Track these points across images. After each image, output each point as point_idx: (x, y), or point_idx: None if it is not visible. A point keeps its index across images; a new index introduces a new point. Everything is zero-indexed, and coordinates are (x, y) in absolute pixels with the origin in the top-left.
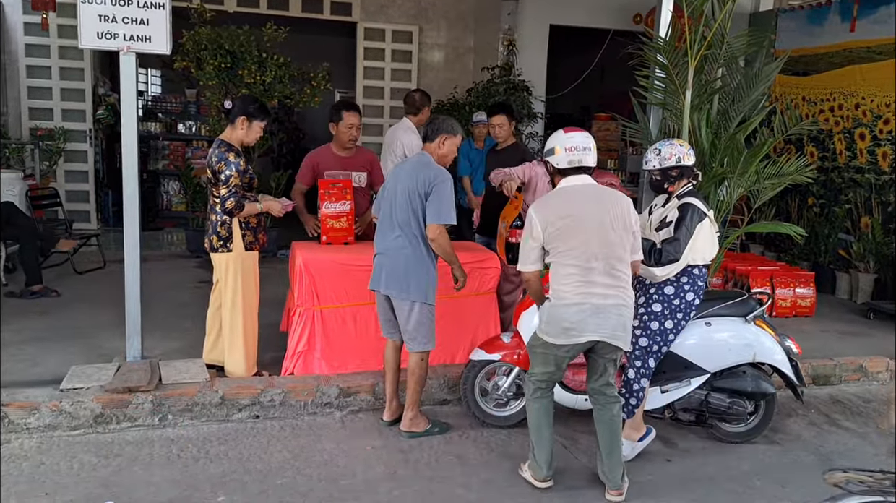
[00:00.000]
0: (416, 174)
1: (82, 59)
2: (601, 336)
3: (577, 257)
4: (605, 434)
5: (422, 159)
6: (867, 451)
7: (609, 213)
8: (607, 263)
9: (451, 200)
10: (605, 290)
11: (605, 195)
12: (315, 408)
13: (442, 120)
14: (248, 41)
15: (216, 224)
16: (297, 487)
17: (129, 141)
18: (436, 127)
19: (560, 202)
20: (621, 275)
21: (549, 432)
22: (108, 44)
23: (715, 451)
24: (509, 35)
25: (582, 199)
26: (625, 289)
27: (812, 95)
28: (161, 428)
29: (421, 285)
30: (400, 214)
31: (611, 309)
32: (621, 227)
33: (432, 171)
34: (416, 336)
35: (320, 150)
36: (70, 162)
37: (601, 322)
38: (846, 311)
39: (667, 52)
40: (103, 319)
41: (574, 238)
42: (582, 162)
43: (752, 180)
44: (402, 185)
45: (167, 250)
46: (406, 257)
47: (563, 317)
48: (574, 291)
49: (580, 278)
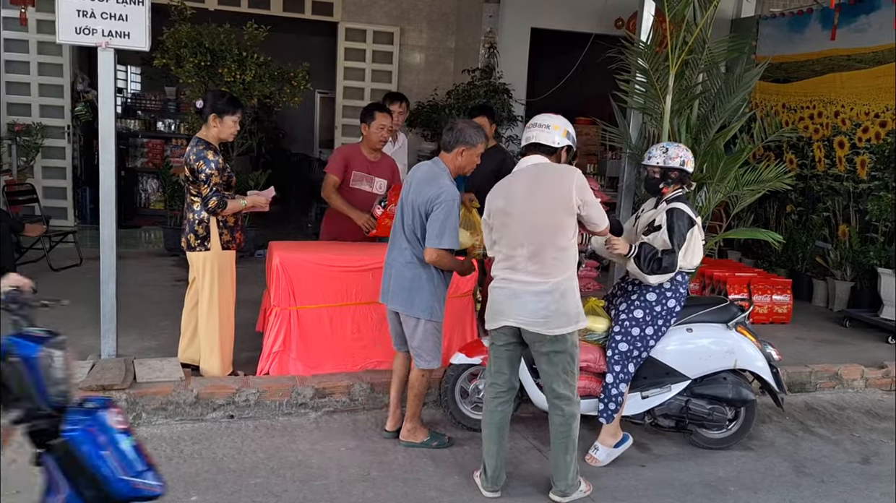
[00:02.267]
0: (421, 189)
1: (61, 54)
2: (517, 322)
3: (505, 244)
4: (552, 439)
5: (432, 170)
6: (841, 458)
7: (543, 196)
8: (534, 249)
9: (454, 222)
10: (527, 276)
11: (544, 175)
12: (290, 409)
13: (461, 128)
14: (229, 39)
15: (193, 222)
16: (271, 488)
17: (107, 137)
18: (454, 136)
19: (502, 186)
20: (551, 260)
21: (499, 446)
22: (86, 39)
23: (690, 457)
24: (490, 37)
25: (520, 180)
26: (551, 275)
27: (792, 102)
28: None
29: (426, 302)
30: (407, 229)
31: (529, 295)
32: (561, 210)
33: (438, 188)
34: (421, 353)
35: (352, 147)
36: (48, 158)
37: (519, 307)
38: (822, 319)
39: (648, 57)
40: (78, 316)
41: (504, 223)
42: (533, 139)
43: (731, 186)
44: (409, 198)
45: (144, 248)
46: (413, 271)
47: (491, 300)
48: (500, 276)
49: (506, 263)
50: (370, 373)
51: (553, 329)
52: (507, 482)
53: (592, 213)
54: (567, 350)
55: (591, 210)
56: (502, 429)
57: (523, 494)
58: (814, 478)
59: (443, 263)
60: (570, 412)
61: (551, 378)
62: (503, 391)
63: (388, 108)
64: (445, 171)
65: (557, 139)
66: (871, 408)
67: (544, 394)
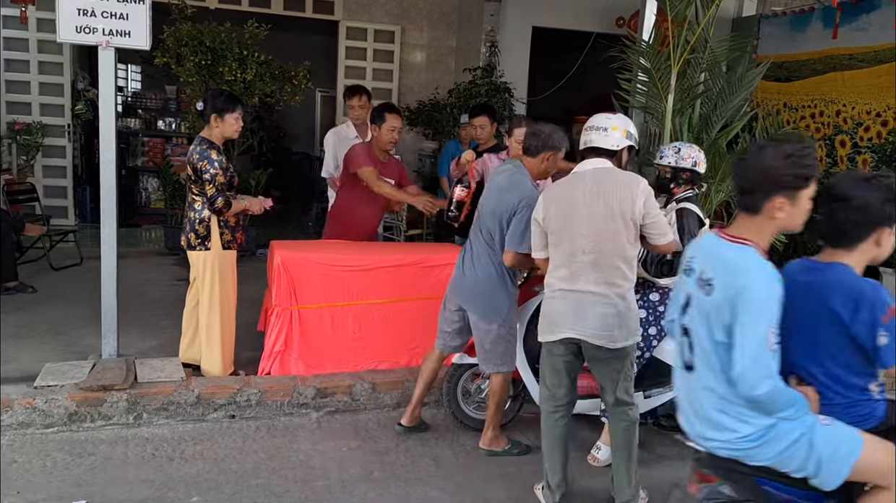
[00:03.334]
0: (503, 196)
1: (61, 53)
2: (579, 334)
3: (564, 250)
4: (615, 449)
5: (514, 176)
6: None
7: (608, 203)
8: (596, 257)
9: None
10: (588, 286)
11: (608, 182)
12: (291, 409)
13: (548, 133)
14: (230, 38)
15: (194, 221)
16: (273, 488)
17: (107, 136)
18: (541, 141)
19: (563, 188)
20: (613, 270)
21: (564, 460)
22: (86, 38)
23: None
24: (492, 36)
25: (581, 185)
26: (614, 285)
27: (793, 102)
28: (136, 427)
29: (503, 307)
30: (485, 233)
31: (591, 306)
32: (627, 219)
33: (518, 193)
34: (491, 356)
35: (367, 146)
36: (48, 157)
37: (580, 319)
38: None
39: (650, 56)
40: (79, 316)
41: (565, 227)
42: (591, 143)
43: (733, 186)
44: (489, 205)
45: (145, 247)
46: (490, 277)
47: (546, 310)
48: (557, 285)
49: (565, 271)
50: (372, 373)
51: (616, 342)
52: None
53: (657, 226)
54: (628, 357)
55: (656, 223)
56: (565, 442)
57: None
58: None
59: (521, 265)
60: (633, 417)
61: (613, 386)
62: (563, 405)
63: (353, 98)
64: (528, 175)
65: (617, 141)
66: None
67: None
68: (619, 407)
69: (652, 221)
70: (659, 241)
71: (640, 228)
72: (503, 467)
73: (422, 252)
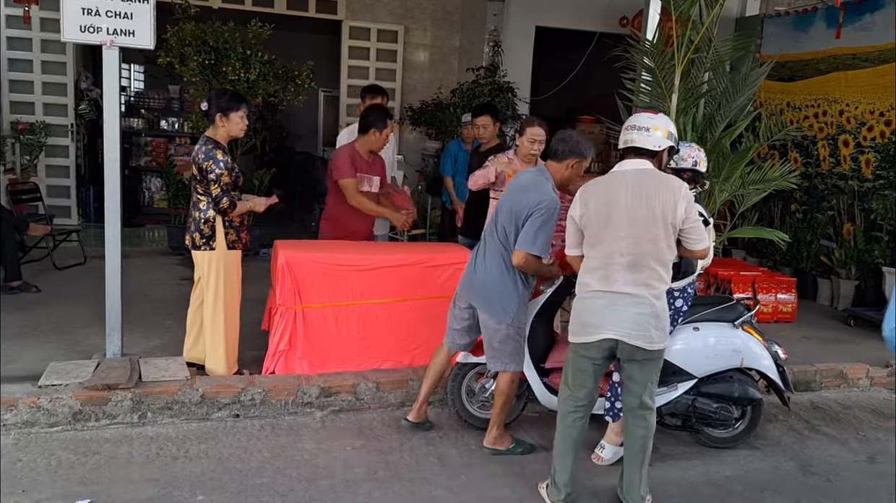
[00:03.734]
0: (522, 195)
1: (64, 52)
2: (617, 334)
3: (602, 250)
4: (629, 453)
5: (537, 178)
6: (846, 457)
7: (649, 205)
8: (634, 259)
9: (549, 231)
10: (625, 287)
11: (653, 182)
12: (296, 408)
13: (576, 140)
14: (233, 38)
15: (199, 221)
16: (277, 487)
17: (111, 136)
18: (568, 146)
19: (602, 186)
20: (650, 272)
21: (574, 459)
22: (90, 37)
23: (696, 456)
24: (495, 36)
25: (623, 185)
26: (651, 287)
27: (797, 101)
28: (140, 426)
29: (514, 307)
30: (500, 232)
31: (629, 306)
32: (668, 222)
33: (540, 194)
34: (500, 356)
35: (351, 149)
36: (51, 157)
37: (618, 319)
38: (827, 318)
39: (654, 56)
40: (83, 316)
41: (603, 227)
42: (633, 142)
43: (737, 185)
44: (507, 204)
45: (148, 247)
46: (501, 275)
47: (581, 310)
48: (594, 285)
49: (601, 272)
50: (376, 373)
51: (654, 343)
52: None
53: (695, 231)
54: (661, 360)
55: (695, 228)
56: (579, 443)
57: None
58: (820, 477)
59: (529, 267)
60: (652, 422)
61: (641, 388)
62: (583, 405)
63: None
64: (550, 180)
65: (658, 142)
66: (876, 406)
67: (625, 408)
68: (642, 411)
69: (691, 226)
70: (696, 247)
71: (678, 233)
72: (507, 466)
73: (426, 252)
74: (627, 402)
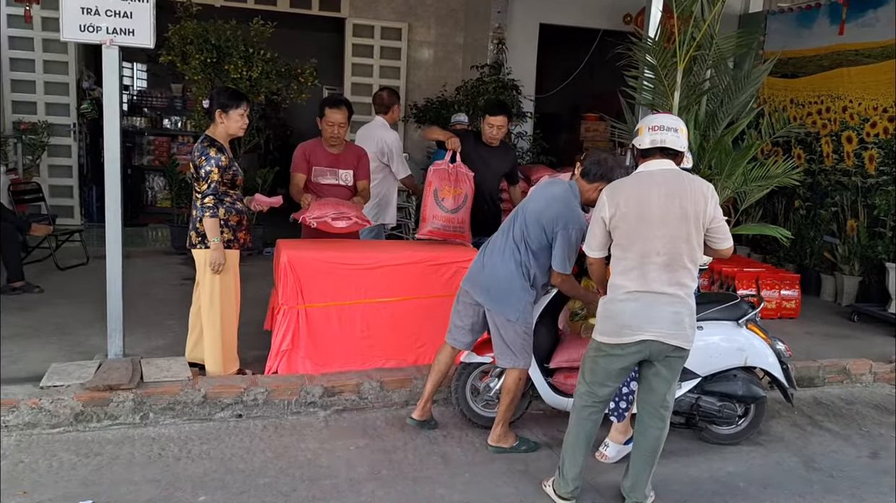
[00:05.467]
0: (554, 206)
1: (66, 52)
2: (655, 335)
3: (638, 249)
4: (640, 453)
5: (568, 193)
6: (849, 453)
7: (682, 206)
8: (669, 259)
9: (576, 247)
10: (661, 287)
11: (682, 182)
12: (299, 408)
13: (611, 166)
14: (235, 36)
15: (196, 220)
16: (280, 487)
17: (112, 135)
18: (602, 170)
19: (632, 187)
20: (683, 271)
21: (586, 453)
22: (90, 37)
23: (699, 453)
24: (499, 33)
25: (654, 185)
26: (684, 285)
27: (800, 98)
28: (142, 426)
29: (522, 305)
30: (517, 232)
31: (665, 306)
32: (699, 222)
33: (572, 212)
34: (508, 352)
35: (312, 143)
36: (53, 156)
37: (655, 320)
38: (831, 314)
39: (656, 53)
40: (85, 316)
41: (637, 227)
42: (665, 142)
43: (740, 182)
44: (532, 207)
45: (151, 247)
46: (511, 273)
47: (617, 312)
48: (628, 286)
49: (636, 272)
50: (379, 372)
51: (689, 342)
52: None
53: (721, 230)
54: (686, 357)
55: (721, 227)
56: (591, 437)
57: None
58: (823, 472)
59: (567, 288)
60: (668, 423)
61: (666, 387)
62: (600, 401)
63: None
64: (579, 197)
65: (684, 142)
66: (879, 402)
67: (642, 407)
68: (663, 410)
69: (718, 226)
70: (721, 246)
71: (706, 232)
72: (511, 464)
73: (430, 250)
74: (649, 401)
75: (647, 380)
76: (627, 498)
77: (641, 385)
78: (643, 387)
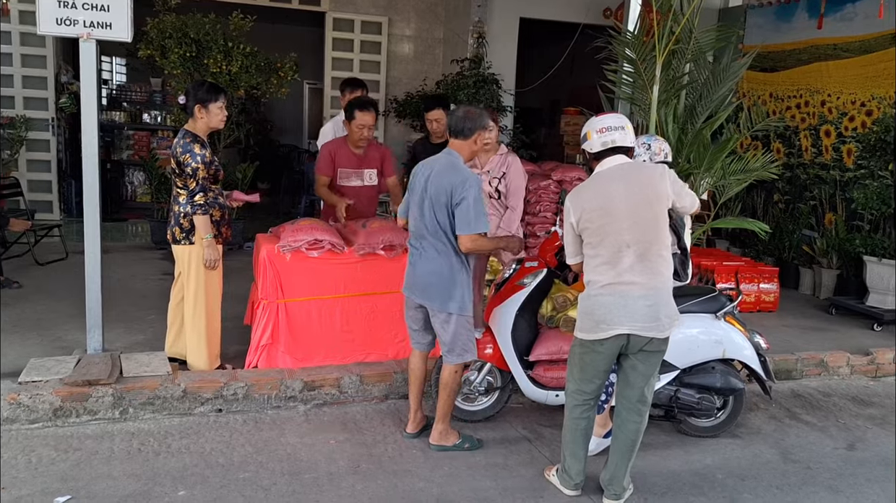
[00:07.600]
0: (441, 180)
1: (44, 46)
2: (631, 329)
3: (608, 245)
4: (618, 447)
5: (449, 160)
6: (827, 445)
7: (643, 194)
8: (642, 249)
9: (481, 204)
10: (635, 278)
11: (637, 170)
12: (279, 402)
13: (478, 114)
14: (215, 30)
15: (179, 215)
16: (260, 481)
17: (90, 130)
18: (472, 123)
19: (593, 187)
20: (657, 258)
21: (586, 449)
22: (67, 30)
23: (678, 445)
24: (479, 27)
25: (613, 181)
26: (659, 274)
27: (779, 92)
28: (122, 421)
29: (456, 296)
30: (428, 223)
31: (640, 299)
32: (662, 205)
33: (458, 175)
34: (454, 348)
35: (336, 143)
36: (32, 151)
37: (630, 314)
38: (809, 307)
39: (635, 47)
40: (64, 311)
41: (604, 224)
42: (616, 142)
43: (719, 176)
44: (428, 192)
45: (131, 241)
46: (439, 266)
47: (593, 308)
48: (603, 281)
49: (608, 267)
50: (359, 366)
51: (664, 331)
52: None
53: (686, 200)
54: (664, 351)
55: (684, 198)
56: (588, 433)
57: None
58: (800, 464)
59: (481, 247)
60: (646, 417)
61: (643, 381)
62: (590, 399)
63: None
64: (460, 158)
65: (632, 138)
66: (856, 394)
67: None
68: (640, 405)
69: (680, 193)
70: (691, 209)
71: (673, 205)
72: (490, 458)
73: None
74: (627, 395)
75: (625, 374)
76: (606, 490)
77: (619, 379)
78: (621, 381)
